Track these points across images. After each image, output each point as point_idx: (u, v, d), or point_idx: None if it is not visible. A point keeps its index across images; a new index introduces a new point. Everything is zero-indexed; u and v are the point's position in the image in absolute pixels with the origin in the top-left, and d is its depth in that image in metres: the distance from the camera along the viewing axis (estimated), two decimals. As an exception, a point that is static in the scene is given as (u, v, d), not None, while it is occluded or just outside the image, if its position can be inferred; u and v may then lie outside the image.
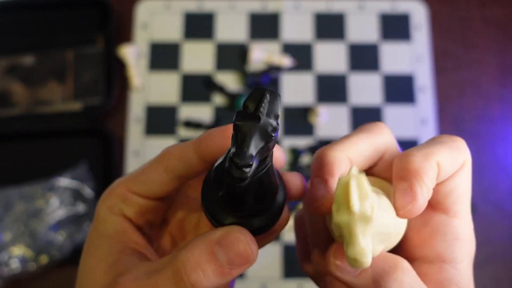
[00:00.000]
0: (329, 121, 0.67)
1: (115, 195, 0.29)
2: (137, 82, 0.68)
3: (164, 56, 0.70)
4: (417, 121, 0.67)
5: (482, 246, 0.62)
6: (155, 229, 0.32)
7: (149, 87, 0.68)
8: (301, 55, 0.69)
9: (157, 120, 0.67)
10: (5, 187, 0.63)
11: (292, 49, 0.70)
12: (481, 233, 0.63)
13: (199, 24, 0.71)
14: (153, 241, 0.32)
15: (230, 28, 0.71)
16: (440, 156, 0.25)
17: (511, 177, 0.65)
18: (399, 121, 0.67)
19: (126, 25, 0.71)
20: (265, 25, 0.71)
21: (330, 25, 0.71)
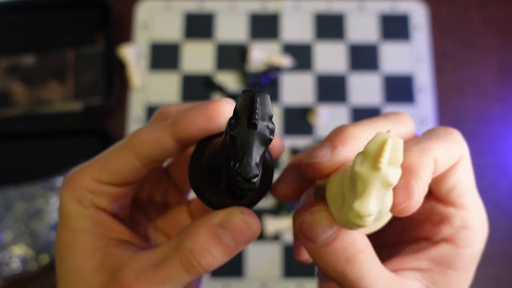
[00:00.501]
0: (329, 121, 0.67)
1: (80, 187, 0.27)
2: (137, 82, 0.68)
3: (164, 56, 0.70)
4: (417, 121, 0.67)
5: (482, 246, 0.62)
6: (128, 209, 0.31)
7: (149, 87, 0.69)
8: (301, 55, 0.70)
9: (157, 120, 0.67)
10: (5, 187, 0.63)
11: (292, 49, 0.70)
12: (481, 233, 0.63)
13: (199, 24, 0.71)
14: (132, 224, 0.31)
15: (230, 28, 0.71)
16: (437, 151, 0.25)
17: (510, 177, 0.65)
18: (399, 121, 0.67)
19: (126, 25, 0.71)
20: (265, 25, 0.71)
21: (330, 25, 0.71)
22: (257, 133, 0.20)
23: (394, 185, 0.20)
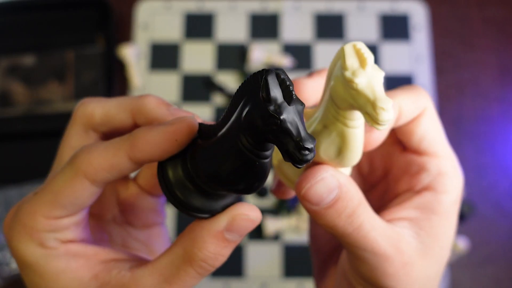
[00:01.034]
0: (329, 121, 0.67)
1: (36, 230, 0.25)
2: (137, 82, 0.68)
3: (164, 56, 0.70)
4: (416, 121, 0.67)
5: (482, 246, 0.62)
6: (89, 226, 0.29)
7: (149, 87, 0.69)
8: (301, 55, 0.70)
9: (157, 120, 0.67)
10: (5, 187, 0.63)
11: (292, 49, 0.70)
12: (481, 233, 0.63)
13: (199, 24, 0.71)
14: (103, 237, 0.30)
15: (230, 28, 0.71)
16: (402, 99, 0.27)
17: (510, 176, 0.65)
18: (399, 121, 0.67)
19: (126, 25, 0.71)
20: (265, 25, 0.71)
21: (330, 25, 0.71)
22: (296, 108, 0.21)
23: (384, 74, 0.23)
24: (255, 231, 0.62)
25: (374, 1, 0.72)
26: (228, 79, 0.69)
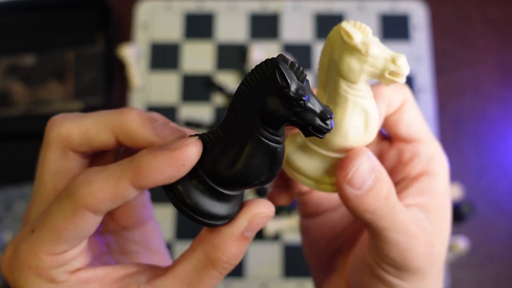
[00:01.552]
0: (329, 121, 0.67)
1: (43, 269, 0.24)
2: (137, 82, 0.68)
3: (164, 56, 0.70)
4: (417, 121, 0.67)
5: (482, 246, 0.62)
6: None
7: (149, 87, 0.69)
8: (301, 55, 0.70)
9: (157, 120, 0.67)
10: (5, 187, 0.63)
11: (292, 49, 0.70)
12: (481, 232, 0.63)
13: (199, 24, 0.71)
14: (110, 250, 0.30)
15: (230, 28, 0.71)
16: (387, 90, 0.29)
17: (510, 176, 0.65)
18: (399, 121, 0.67)
19: (126, 25, 0.71)
20: (265, 25, 0.71)
21: (329, 26, 0.71)
22: (307, 83, 0.23)
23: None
24: (255, 231, 0.62)
25: (374, 1, 0.72)
26: (228, 79, 0.69)
